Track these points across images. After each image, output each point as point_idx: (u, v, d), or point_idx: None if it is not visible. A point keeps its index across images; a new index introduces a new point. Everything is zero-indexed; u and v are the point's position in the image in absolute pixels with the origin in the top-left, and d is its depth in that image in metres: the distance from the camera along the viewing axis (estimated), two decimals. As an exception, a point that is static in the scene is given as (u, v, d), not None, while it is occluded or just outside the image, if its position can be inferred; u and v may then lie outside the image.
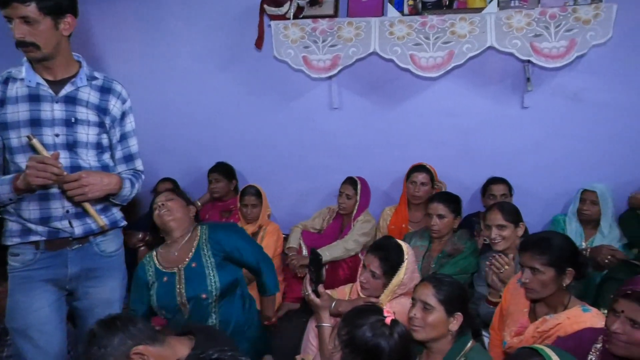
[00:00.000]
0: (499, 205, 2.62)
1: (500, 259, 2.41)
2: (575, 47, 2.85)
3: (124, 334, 1.51)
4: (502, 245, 2.50)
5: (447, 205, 2.80)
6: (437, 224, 2.79)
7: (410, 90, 3.36)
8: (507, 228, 2.50)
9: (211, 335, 1.73)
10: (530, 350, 1.38)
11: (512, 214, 2.56)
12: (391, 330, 1.56)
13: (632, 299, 1.55)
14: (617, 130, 3.17)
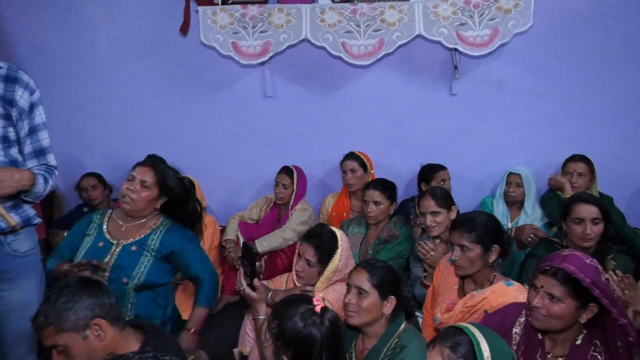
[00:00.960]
0: (431, 192, 2.67)
1: (425, 246, 2.48)
2: (498, 35, 2.97)
3: (97, 300, 1.48)
4: (437, 230, 2.57)
5: (383, 192, 2.84)
6: (373, 210, 2.83)
7: (343, 78, 3.37)
8: (441, 214, 2.57)
9: (160, 335, 1.67)
10: (454, 328, 1.42)
11: (444, 199, 2.63)
12: (322, 318, 1.54)
13: (550, 274, 1.63)
14: (538, 116, 3.36)
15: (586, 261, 1.63)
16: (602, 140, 3.35)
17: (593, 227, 2.34)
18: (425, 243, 2.51)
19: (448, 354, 1.35)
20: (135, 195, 2.10)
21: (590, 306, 1.60)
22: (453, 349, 1.35)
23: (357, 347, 2.00)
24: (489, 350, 1.32)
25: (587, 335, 1.67)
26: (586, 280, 1.56)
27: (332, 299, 2.16)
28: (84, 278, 1.57)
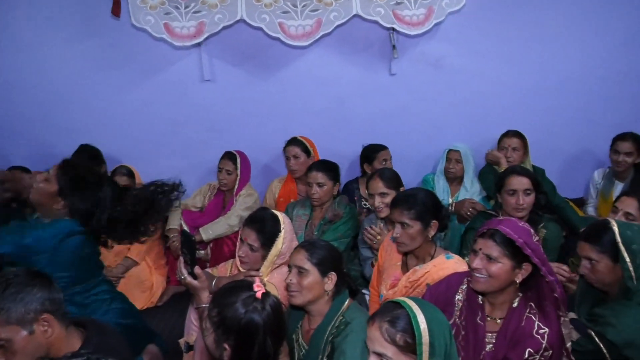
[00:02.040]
0: (380, 173, 2.69)
1: (371, 230, 2.51)
2: (433, 14, 3.02)
3: (48, 294, 1.46)
4: (385, 212, 2.59)
5: (326, 173, 2.84)
6: (317, 192, 2.82)
7: (282, 60, 3.32)
8: (389, 195, 2.59)
9: (102, 332, 1.61)
10: (393, 303, 1.45)
11: (393, 180, 2.67)
12: (263, 304, 1.53)
13: (487, 236, 1.74)
14: (474, 94, 3.47)
15: (519, 224, 1.75)
16: (534, 116, 3.51)
17: (525, 197, 2.46)
18: (371, 228, 2.54)
19: (387, 328, 1.37)
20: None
21: (524, 265, 1.71)
22: (391, 323, 1.38)
23: (303, 327, 2.01)
24: (425, 321, 1.35)
25: (522, 298, 1.77)
26: (519, 240, 1.66)
27: (277, 282, 2.15)
28: (33, 271, 1.51)
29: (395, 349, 1.35)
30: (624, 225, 1.90)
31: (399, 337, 1.35)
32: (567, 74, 3.44)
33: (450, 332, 1.42)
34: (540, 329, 1.69)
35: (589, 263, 1.91)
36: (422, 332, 1.33)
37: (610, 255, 1.86)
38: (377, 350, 1.37)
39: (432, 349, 1.33)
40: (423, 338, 1.33)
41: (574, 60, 3.42)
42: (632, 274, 1.82)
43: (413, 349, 1.33)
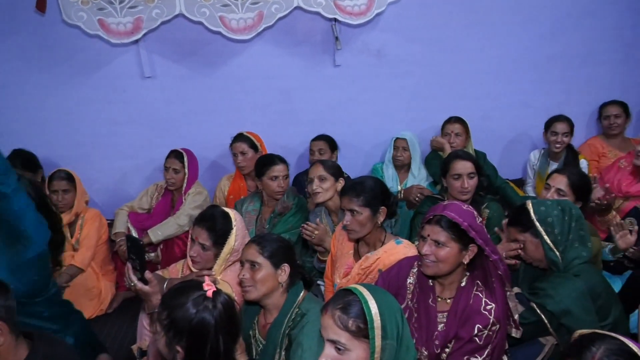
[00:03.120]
0: (322, 161, 2.74)
1: (308, 227, 2.53)
2: (374, 4, 3.06)
3: (3, 301, 1.47)
4: (321, 197, 2.61)
5: (287, 165, 2.86)
6: (284, 184, 2.83)
7: (225, 54, 3.26)
8: (328, 180, 2.62)
9: (50, 342, 1.54)
10: (344, 291, 1.48)
11: (333, 168, 2.70)
12: (214, 302, 1.50)
13: (434, 222, 1.79)
14: (417, 82, 3.55)
15: (463, 208, 1.81)
16: (474, 101, 3.63)
17: (469, 181, 2.55)
18: (308, 224, 2.56)
19: (339, 315, 1.39)
20: None
21: (470, 247, 1.78)
22: (344, 310, 1.40)
23: (259, 322, 2.01)
24: (376, 306, 1.38)
25: (469, 277, 1.85)
26: (464, 223, 1.73)
27: (231, 279, 2.13)
28: None
29: (348, 334, 1.37)
30: (537, 202, 2.04)
31: (351, 323, 1.37)
32: (503, 60, 3.59)
33: (402, 315, 1.45)
34: (487, 305, 1.77)
35: (520, 244, 2.04)
36: (373, 316, 1.36)
37: (532, 233, 1.99)
38: (330, 338, 1.39)
39: (384, 332, 1.36)
40: (375, 322, 1.35)
41: (509, 47, 3.57)
42: (551, 246, 1.95)
43: (366, 334, 1.36)
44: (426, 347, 1.83)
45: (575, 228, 1.97)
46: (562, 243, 1.96)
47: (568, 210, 1.99)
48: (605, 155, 3.59)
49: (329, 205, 2.66)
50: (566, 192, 2.39)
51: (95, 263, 3.07)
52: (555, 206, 2.00)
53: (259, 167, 2.85)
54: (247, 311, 2.07)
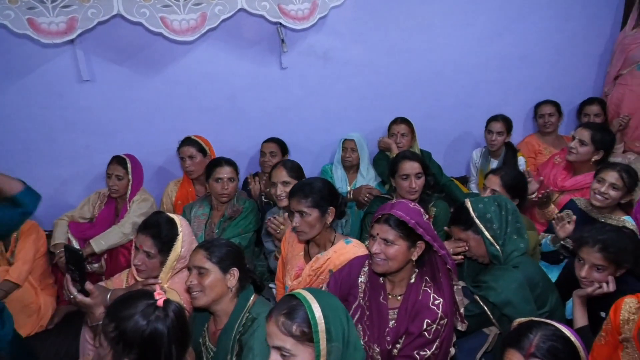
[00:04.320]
0: (284, 163, 2.72)
1: (275, 221, 2.53)
2: (317, 9, 3.08)
3: None
4: (286, 201, 2.59)
5: (236, 169, 2.82)
6: (230, 187, 2.77)
7: (168, 56, 3.17)
8: (291, 184, 2.61)
9: None
10: (288, 296, 1.47)
11: (296, 170, 2.70)
12: (165, 311, 1.46)
13: (382, 222, 1.83)
14: (363, 84, 3.60)
15: (410, 206, 1.86)
16: (419, 102, 3.73)
17: (417, 180, 2.62)
18: (275, 218, 2.55)
19: (283, 321, 1.39)
20: None
21: (418, 244, 1.83)
22: (288, 316, 1.39)
23: (209, 329, 1.97)
24: (320, 309, 1.38)
25: (418, 273, 1.90)
26: (411, 221, 1.78)
27: (179, 287, 2.08)
28: None
29: (293, 340, 1.37)
30: (475, 200, 2.13)
31: (295, 328, 1.37)
32: (444, 62, 3.71)
33: (347, 316, 1.46)
34: (435, 300, 1.83)
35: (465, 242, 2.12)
36: (317, 320, 1.36)
37: (473, 230, 2.08)
38: (275, 344, 1.38)
39: (329, 335, 1.36)
40: (319, 326, 1.35)
41: (449, 49, 3.69)
42: (491, 240, 2.05)
43: (310, 338, 1.36)
44: (378, 344, 1.86)
45: (512, 221, 2.07)
46: (502, 237, 2.05)
47: (504, 205, 2.09)
48: (541, 152, 3.79)
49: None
50: (500, 192, 2.51)
51: (34, 277, 2.89)
52: (492, 202, 2.10)
53: (207, 169, 2.82)
54: (197, 318, 2.02)
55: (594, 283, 1.93)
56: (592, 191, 2.52)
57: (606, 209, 2.50)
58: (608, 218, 2.47)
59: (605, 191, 2.44)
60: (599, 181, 2.49)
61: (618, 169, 2.47)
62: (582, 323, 1.95)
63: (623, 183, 2.43)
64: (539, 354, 1.25)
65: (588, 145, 2.89)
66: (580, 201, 2.65)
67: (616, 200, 2.46)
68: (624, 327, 1.64)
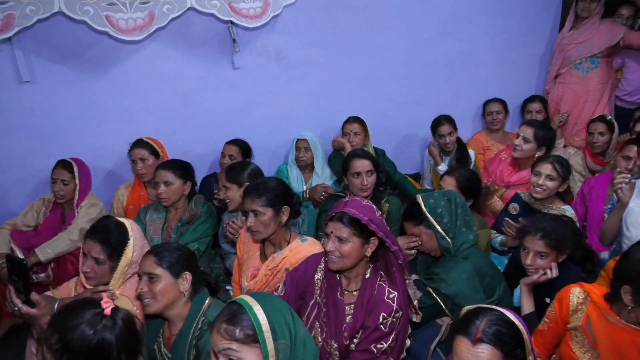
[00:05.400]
0: (228, 167, 2.71)
1: (234, 225, 2.51)
2: (269, 7, 3.07)
3: None
4: (232, 205, 2.61)
5: (174, 172, 2.71)
6: (164, 191, 2.69)
7: (115, 56, 3.07)
8: (231, 190, 2.60)
9: None
10: (230, 303, 1.45)
11: (235, 175, 2.67)
12: (114, 320, 1.42)
13: (336, 219, 1.85)
14: (317, 84, 3.62)
15: (363, 203, 1.89)
16: (371, 101, 3.79)
17: (368, 178, 2.66)
18: (233, 222, 2.53)
19: (225, 328, 1.36)
20: None
21: (372, 240, 1.86)
22: (230, 322, 1.37)
23: (164, 335, 1.92)
24: (261, 309, 1.37)
25: (373, 268, 1.93)
26: (364, 218, 1.80)
27: (131, 293, 2.01)
28: None
29: (238, 343, 1.35)
30: (426, 196, 2.21)
31: (238, 332, 1.35)
32: (395, 62, 3.79)
33: (293, 314, 1.45)
34: (390, 293, 1.86)
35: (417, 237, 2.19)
36: (260, 320, 1.35)
37: (425, 225, 2.15)
38: (220, 348, 1.35)
39: (274, 334, 1.35)
40: (263, 326, 1.34)
41: (400, 49, 3.77)
42: (443, 234, 2.12)
43: (256, 339, 1.34)
44: (336, 340, 1.88)
45: (461, 215, 2.15)
46: (452, 230, 2.12)
47: (453, 199, 2.16)
48: (489, 148, 3.94)
49: (242, 208, 2.63)
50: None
51: (-27, 290, 2.74)
52: (442, 197, 2.17)
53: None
54: (151, 324, 1.97)
55: (539, 270, 2.03)
56: (531, 185, 2.65)
57: (547, 200, 2.64)
58: (549, 209, 2.61)
59: (543, 183, 2.58)
60: (536, 175, 2.62)
61: (550, 161, 2.61)
62: (529, 309, 2.05)
63: (557, 173, 2.57)
64: (486, 338, 1.30)
65: (531, 142, 3.03)
66: (524, 194, 2.78)
67: (554, 190, 2.60)
68: (572, 316, 1.72)
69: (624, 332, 1.59)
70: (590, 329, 1.66)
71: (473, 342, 1.31)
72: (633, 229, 2.22)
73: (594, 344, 1.65)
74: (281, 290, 2.03)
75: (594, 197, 2.90)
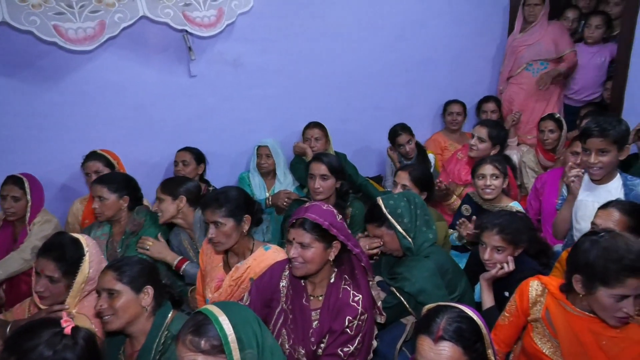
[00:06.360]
0: (163, 182, 2.65)
1: (145, 242, 2.49)
2: (223, 15, 3.05)
3: None
4: (164, 217, 2.56)
5: (108, 186, 2.60)
6: (98, 206, 2.58)
7: (66, 67, 2.96)
8: (165, 201, 2.56)
9: None
10: (195, 314, 1.43)
11: (168, 186, 2.61)
12: (74, 339, 1.37)
13: (297, 225, 1.86)
14: (276, 90, 3.61)
15: (323, 208, 1.90)
16: (332, 106, 3.82)
17: (322, 182, 2.68)
18: (144, 238, 2.51)
19: (191, 339, 1.35)
20: None
21: (334, 244, 1.87)
22: (195, 333, 1.35)
23: (126, 352, 1.87)
24: (227, 319, 1.36)
25: (337, 273, 1.94)
26: (325, 223, 1.82)
27: (89, 311, 1.95)
28: None
29: (204, 355, 1.33)
30: (386, 198, 2.25)
31: (203, 343, 1.33)
32: (354, 66, 3.83)
33: (259, 323, 1.45)
34: (355, 297, 1.87)
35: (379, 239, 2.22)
36: (226, 330, 1.34)
37: (386, 226, 2.18)
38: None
39: (240, 343, 1.34)
40: (229, 336, 1.33)
41: (358, 54, 3.81)
42: (404, 234, 2.16)
43: (222, 350, 1.33)
44: (303, 346, 1.88)
45: (421, 214, 2.19)
46: (413, 230, 2.16)
47: (412, 200, 2.21)
48: (446, 148, 4.04)
49: (180, 223, 2.60)
50: (410, 187, 2.65)
51: None
52: (402, 198, 2.21)
53: None
54: (111, 342, 1.91)
55: (497, 265, 2.09)
56: (478, 189, 2.71)
57: (495, 199, 2.71)
58: (499, 207, 2.68)
59: (490, 183, 2.65)
60: (480, 178, 2.68)
61: (489, 161, 2.70)
62: (489, 304, 2.10)
63: (499, 170, 2.66)
64: (447, 336, 1.33)
65: (486, 141, 3.13)
66: (474, 195, 2.84)
67: (501, 187, 2.68)
68: (532, 308, 1.77)
69: (580, 320, 1.65)
70: (549, 319, 1.72)
71: (435, 341, 1.33)
72: (583, 221, 2.32)
73: (554, 334, 1.71)
74: (246, 300, 2.01)
75: (547, 191, 3.02)
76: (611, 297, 1.53)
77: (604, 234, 1.61)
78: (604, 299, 1.55)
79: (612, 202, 2.07)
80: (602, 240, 1.58)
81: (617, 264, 1.51)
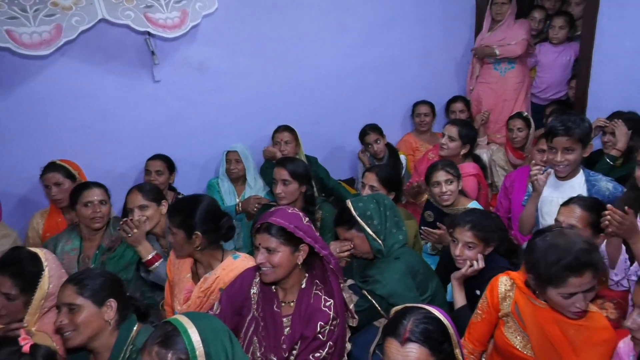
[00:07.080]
0: (138, 187, 2.59)
1: (130, 223, 2.41)
2: (187, 17, 2.99)
3: None
4: (147, 226, 2.49)
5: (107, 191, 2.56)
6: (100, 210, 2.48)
7: (21, 73, 2.84)
8: (150, 208, 2.51)
9: None
10: (164, 323, 1.39)
11: (152, 193, 2.58)
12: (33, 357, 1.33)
13: (263, 230, 1.83)
14: (244, 94, 3.55)
15: (288, 211, 1.89)
16: (301, 109, 3.78)
17: (282, 186, 2.66)
18: (131, 219, 2.43)
19: (157, 351, 1.30)
20: None
21: (302, 247, 1.84)
22: (162, 344, 1.31)
23: (90, 368, 1.79)
24: (198, 333, 1.32)
25: (309, 278, 1.92)
26: (290, 226, 1.79)
27: (50, 328, 1.86)
28: None
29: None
30: (355, 200, 2.24)
31: (170, 356, 1.28)
32: (322, 68, 3.80)
33: (231, 336, 1.41)
34: (326, 302, 1.85)
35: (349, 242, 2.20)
36: (194, 345, 1.29)
37: (356, 229, 2.17)
38: None
39: (209, 358, 1.30)
40: (197, 351, 1.29)
41: (326, 55, 3.79)
42: (374, 236, 2.15)
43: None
44: (275, 353, 1.85)
45: (391, 216, 2.18)
46: (382, 232, 2.15)
47: (382, 202, 2.20)
48: (418, 149, 4.06)
49: (156, 231, 2.53)
50: (377, 187, 2.64)
51: None
52: (371, 200, 2.20)
53: (72, 196, 2.50)
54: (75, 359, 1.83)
55: (467, 261, 2.09)
56: (436, 196, 2.71)
57: (453, 202, 2.71)
58: (459, 209, 2.64)
59: (445, 189, 2.66)
60: (435, 185, 2.69)
61: (440, 167, 2.70)
62: (461, 303, 2.11)
63: (451, 174, 2.67)
64: (414, 337, 1.31)
65: (456, 140, 3.15)
66: (435, 200, 2.84)
67: (457, 191, 2.69)
68: (502, 304, 1.79)
69: (545, 312, 1.68)
70: (519, 313, 1.74)
71: (402, 343, 1.32)
72: (549, 217, 2.35)
73: (524, 327, 1.73)
74: (217, 309, 1.96)
75: (515, 189, 3.05)
76: (559, 296, 1.57)
77: (547, 234, 1.64)
78: (554, 297, 1.59)
79: (574, 198, 2.10)
80: (545, 241, 1.61)
81: (557, 265, 1.54)
